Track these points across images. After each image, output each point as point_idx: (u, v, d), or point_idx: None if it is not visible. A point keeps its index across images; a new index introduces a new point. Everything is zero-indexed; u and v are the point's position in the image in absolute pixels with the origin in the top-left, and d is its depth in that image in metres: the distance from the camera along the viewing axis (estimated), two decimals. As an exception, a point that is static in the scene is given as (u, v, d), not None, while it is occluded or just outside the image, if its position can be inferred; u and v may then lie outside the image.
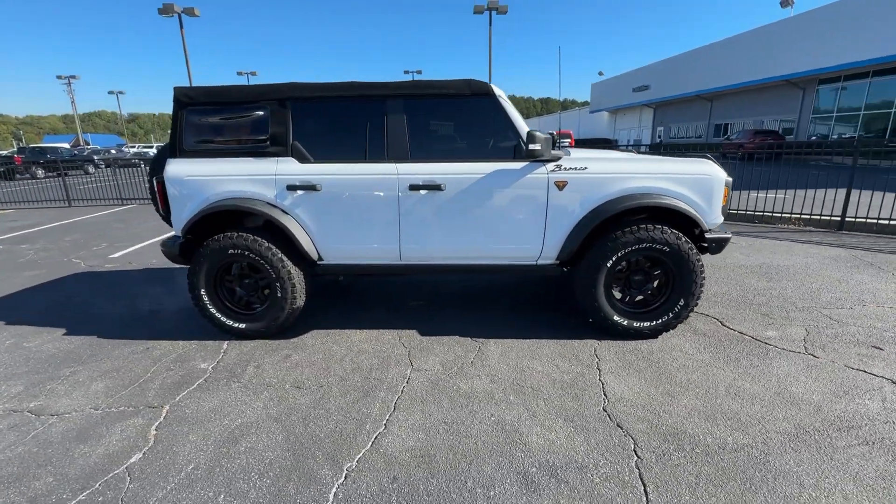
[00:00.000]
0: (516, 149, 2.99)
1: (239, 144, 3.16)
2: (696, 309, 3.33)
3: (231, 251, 3.07)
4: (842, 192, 6.32)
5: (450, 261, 3.17)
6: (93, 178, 17.17)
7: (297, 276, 3.14)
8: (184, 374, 2.80)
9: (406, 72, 40.77)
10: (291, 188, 3.04)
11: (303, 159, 3.07)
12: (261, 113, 3.10)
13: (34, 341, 3.33)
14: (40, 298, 4.30)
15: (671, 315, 2.99)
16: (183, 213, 3.17)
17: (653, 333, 3.05)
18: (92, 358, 3.05)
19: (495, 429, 2.17)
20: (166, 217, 3.75)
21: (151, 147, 38.45)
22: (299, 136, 3.09)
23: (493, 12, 22.26)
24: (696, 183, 2.91)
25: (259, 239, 3.06)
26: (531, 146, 2.80)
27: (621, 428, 2.14)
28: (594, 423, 2.18)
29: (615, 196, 2.91)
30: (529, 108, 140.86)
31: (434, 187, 2.96)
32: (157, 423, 2.30)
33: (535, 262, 3.14)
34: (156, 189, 3.22)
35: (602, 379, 2.58)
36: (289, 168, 3.06)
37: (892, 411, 2.19)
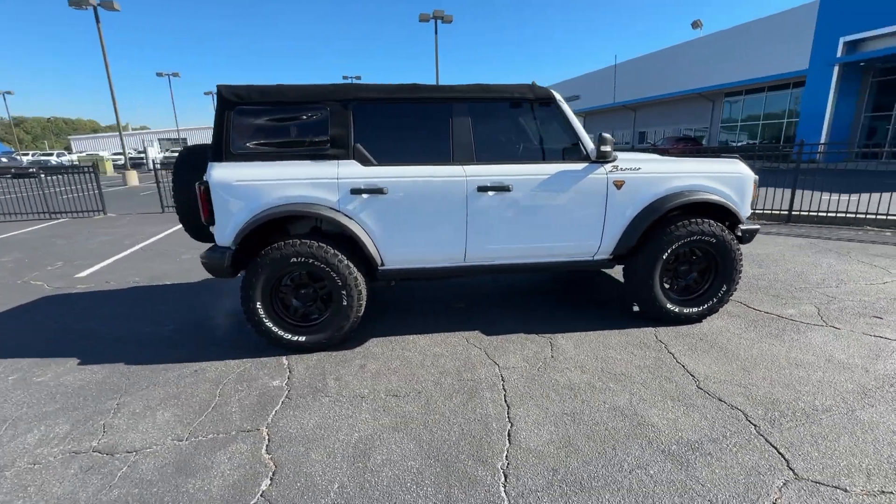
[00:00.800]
0: (576, 150, 3.15)
1: (295, 147, 2.99)
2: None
3: (294, 259, 2.89)
4: (779, 190, 7.32)
5: (512, 260, 3.25)
6: (2, 190, 14.83)
7: (361, 283, 3.04)
8: (258, 393, 2.59)
9: (345, 77, 39.98)
10: (356, 192, 2.94)
11: (366, 162, 2.99)
12: (320, 114, 2.97)
13: (44, 375, 2.88)
14: (16, 328, 3.69)
15: (715, 300, 3.31)
16: (231, 221, 2.93)
17: (699, 317, 3.34)
18: (134, 387, 2.70)
19: (615, 414, 2.28)
20: (187, 228, 3.44)
21: (51, 155, 33.80)
22: (361, 139, 3.00)
23: (439, 21, 22.65)
24: (732, 180, 3.26)
25: (324, 245, 2.92)
26: (602, 148, 2.97)
27: (724, 402, 2.35)
28: (699, 401, 2.37)
29: (665, 194, 3.17)
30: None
31: (502, 188, 3.03)
32: (264, 447, 2.12)
33: (591, 258, 3.32)
34: (198, 196, 2.94)
35: (680, 362, 2.79)
36: (352, 171, 2.95)
37: (920, 367, 2.63)
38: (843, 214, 6.73)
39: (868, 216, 6.54)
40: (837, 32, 17.58)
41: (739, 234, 3.34)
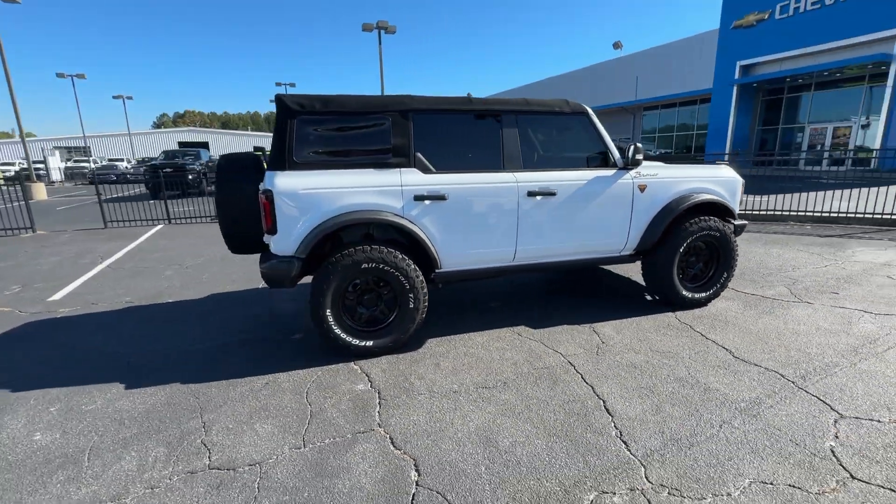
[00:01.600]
0: (606, 158, 3.54)
1: (357, 155, 3.06)
2: (713, 281, 4.29)
3: (365, 265, 2.95)
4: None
5: (554, 258, 3.55)
6: None
7: (425, 285, 3.16)
8: (349, 398, 2.62)
9: (278, 83, 38.45)
10: (419, 198, 3.07)
11: (426, 170, 3.13)
12: (382, 124, 3.08)
13: (93, 403, 2.65)
14: (17, 358, 3.30)
15: (718, 286, 3.87)
16: (296, 230, 2.93)
17: (706, 301, 3.88)
18: (209, 405, 2.60)
19: (683, 384, 2.64)
20: (232, 240, 3.33)
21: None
22: (420, 148, 3.14)
23: (382, 31, 22.77)
24: (727, 183, 3.85)
25: (393, 251, 3.02)
26: (637, 156, 3.39)
27: (760, 366, 2.82)
28: (741, 367, 2.82)
29: (678, 195, 3.67)
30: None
31: (549, 193, 3.33)
32: (389, 443, 2.20)
33: (619, 254, 3.73)
34: (261, 205, 2.90)
35: (709, 338, 3.26)
36: (414, 179, 3.09)
37: (882, 327, 3.32)
38: (771, 212, 7.95)
39: (791, 213, 7.80)
40: (735, 57, 20.43)
41: (733, 228, 3.94)
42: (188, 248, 7.01)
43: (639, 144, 3.41)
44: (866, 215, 7.33)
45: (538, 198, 3.32)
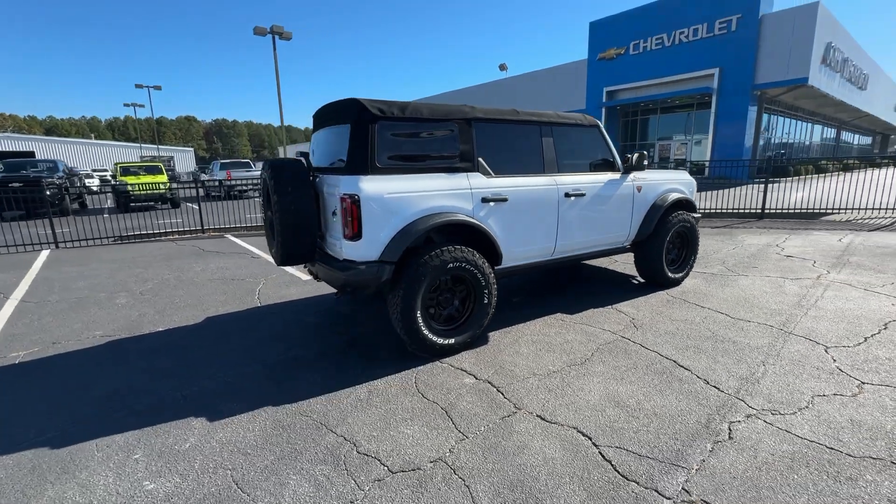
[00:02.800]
0: (612, 164, 4.18)
1: (430, 160, 3.17)
2: (674, 265, 5.27)
3: (451, 265, 3.07)
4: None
5: (580, 251, 4.06)
6: None
7: (495, 281, 3.38)
8: (468, 390, 2.72)
9: (138, 86, 33.43)
10: (485, 200, 3.31)
11: (486, 174, 3.38)
12: (451, 130, 3.24)
13: (186, 441, 2.32)
14: (18, 411, 2.63)
15: (689, 267, 4.80)
16: (382, 235, 2.93)
17: (682, 280, 4.77)
18: (327, 419, 2.47)
19: (721, 339, 3.32)
20: (289, 249, 3.17)
21: None
22: (481, 153, 3.38)
23: (277, 37, 21.57)
24: (689, 185, 4.82)
25: (471, 249, 3.18)
26: (643, 162, 4.07)
27: (752, 321, 3.66)
28: (744, 324, 3.62)
29: (661, 195, 4.49)
30: (271, 135, 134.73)
31: (580, 194, 3.83)
32: (542, 421, 2.40)
33: (622, 245, 4.40)
34: (348, 209, 2.83)
35: (704, 306, 4.06)
36: (479, 182, 3.31)
37: (803, 286, 4.52)
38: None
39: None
40: (602, 83, 24.10)
41: (694, 220, 4.92)
42: (116, 273, 5.94)
43: (644, 153, 4.12)
44: (725, 211, 9.52)
45: (572, 198, 3.80)
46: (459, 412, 2.51)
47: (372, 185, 2.88)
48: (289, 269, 5.97)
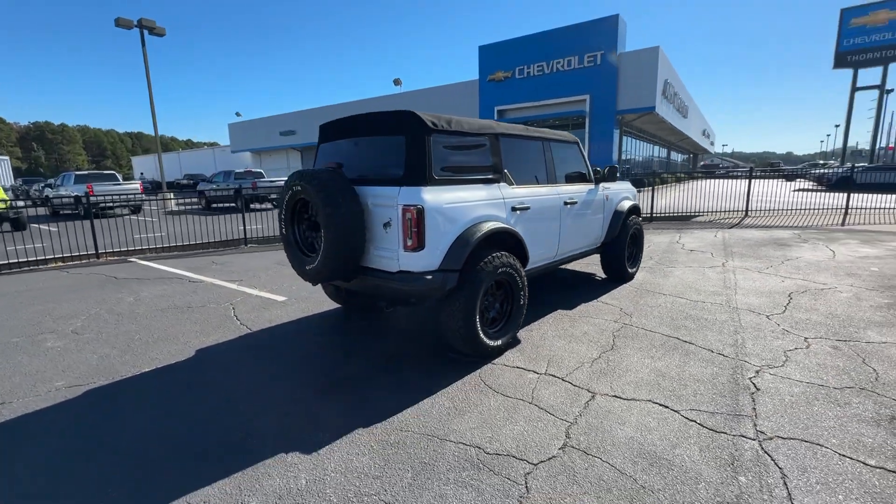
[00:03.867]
0: (587, 176, 4.79)
1: (471, 172, 3.33)
2: (620, 262, 6.15)
3: (500, 270, 3.25)
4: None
5: (571, 253, 4.57)
6: None
7: (526, 283, 3.64)
8: (542, 385, 2.93)
9: None
10: (514, 209, 3.58)
11: (511, 184, 3.66)
12: (485, 145, 3.44)
13: (297, 480, 2.11)
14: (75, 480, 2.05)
15: (639, 263, 5.67)
16: (442, 243, 3.01)
17: (635, 274, 5.61)
18: (428, 429, 2.47)
19: (711, 322, 4.06)
20: (333, 265, 3.08)
21: None
22: (506, 165, 3.64)
23: (146, 31, 18.85)
24: (635, 193, 5.71)
25: (510, 254, 3.40)
26: (618, 174, 4.74)
27: (708, 302, 4.54)
28: (709, 306, 4.46)
29: (621, 202, 5.27)
30: (115, 142, 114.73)
31: (574, 202, 4.34)
32: (618, 398, 2.73)
33: (596, 247, 5.04)
34: (412, 219, 2.84)
35: (666, 294, 4.87)
36: (508, 192, 3.58)
37: (720, 273, 5.68)
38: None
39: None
40: (492, 103, 26.14)
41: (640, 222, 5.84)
42: (17, 312, 4.71)
43: (615, 166, 4.82)
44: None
45: (569, 206, 4.28)
46: (548, 404, 2.71)
47: (432, 196, 2.94)
48: (252, 291, 5.42)
